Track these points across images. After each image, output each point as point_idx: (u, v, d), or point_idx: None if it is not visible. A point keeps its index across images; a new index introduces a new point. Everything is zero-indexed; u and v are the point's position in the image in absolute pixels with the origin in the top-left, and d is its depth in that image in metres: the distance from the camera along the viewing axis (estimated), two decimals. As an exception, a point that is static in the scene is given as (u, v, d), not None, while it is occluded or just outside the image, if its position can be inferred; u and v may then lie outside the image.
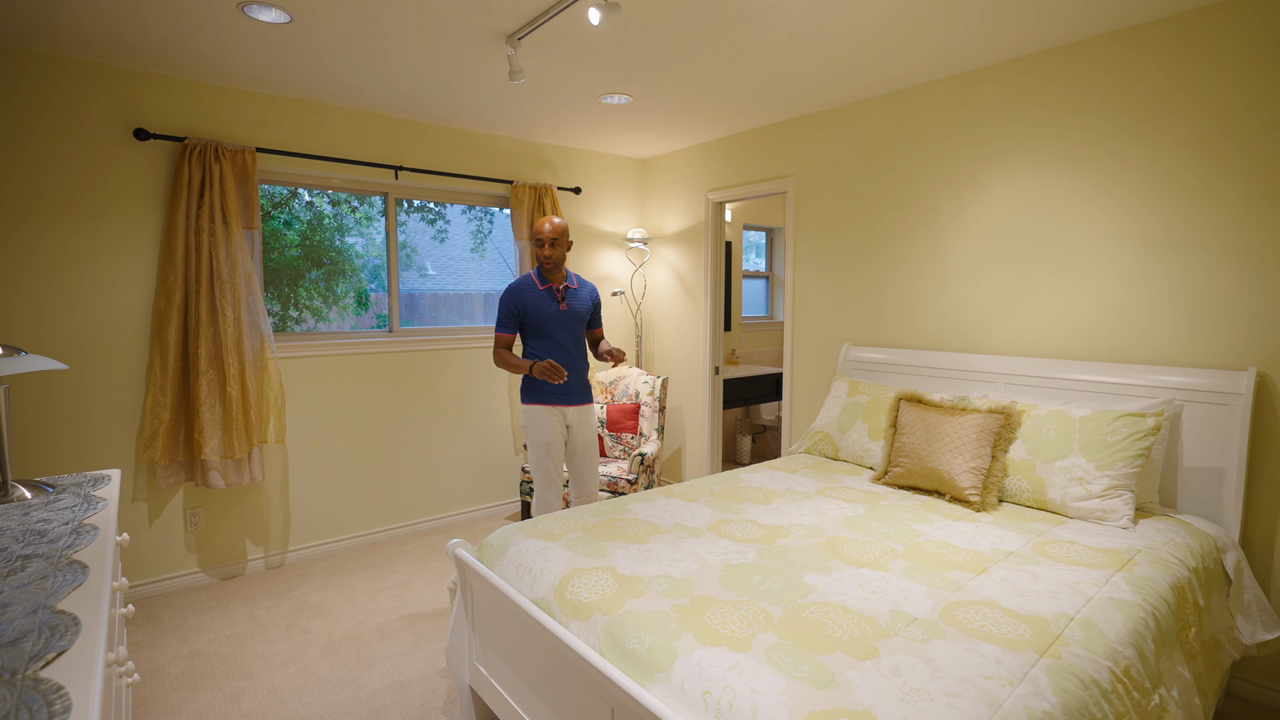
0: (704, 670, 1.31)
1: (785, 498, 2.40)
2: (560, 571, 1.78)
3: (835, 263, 3.40)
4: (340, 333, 3.54)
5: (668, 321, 4.48)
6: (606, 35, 2.44)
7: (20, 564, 1.25)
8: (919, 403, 2.61)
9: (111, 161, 2.77)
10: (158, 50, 2.58)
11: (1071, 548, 1.91)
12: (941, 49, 2.57)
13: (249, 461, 3.06)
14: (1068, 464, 2.20)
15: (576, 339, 2.80)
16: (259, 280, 3.05)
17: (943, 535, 2.01)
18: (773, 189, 3.71)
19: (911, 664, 1.31)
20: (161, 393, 2.83)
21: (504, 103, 3.27)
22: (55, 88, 2.63)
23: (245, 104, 3.06)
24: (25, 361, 1.61)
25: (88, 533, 1.41)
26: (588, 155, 4.32)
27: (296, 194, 3.41)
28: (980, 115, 2.77)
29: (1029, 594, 1.62)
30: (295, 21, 2.31)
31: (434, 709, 2.16)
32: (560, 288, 2.77)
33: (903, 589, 1.64)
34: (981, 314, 2.82)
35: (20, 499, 1.63)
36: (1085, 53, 2.45)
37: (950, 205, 2.90)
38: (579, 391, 2.80)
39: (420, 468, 3.74)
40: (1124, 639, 1.49)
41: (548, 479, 2.77)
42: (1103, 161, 2.43)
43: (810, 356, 3.57)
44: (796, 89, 3.06)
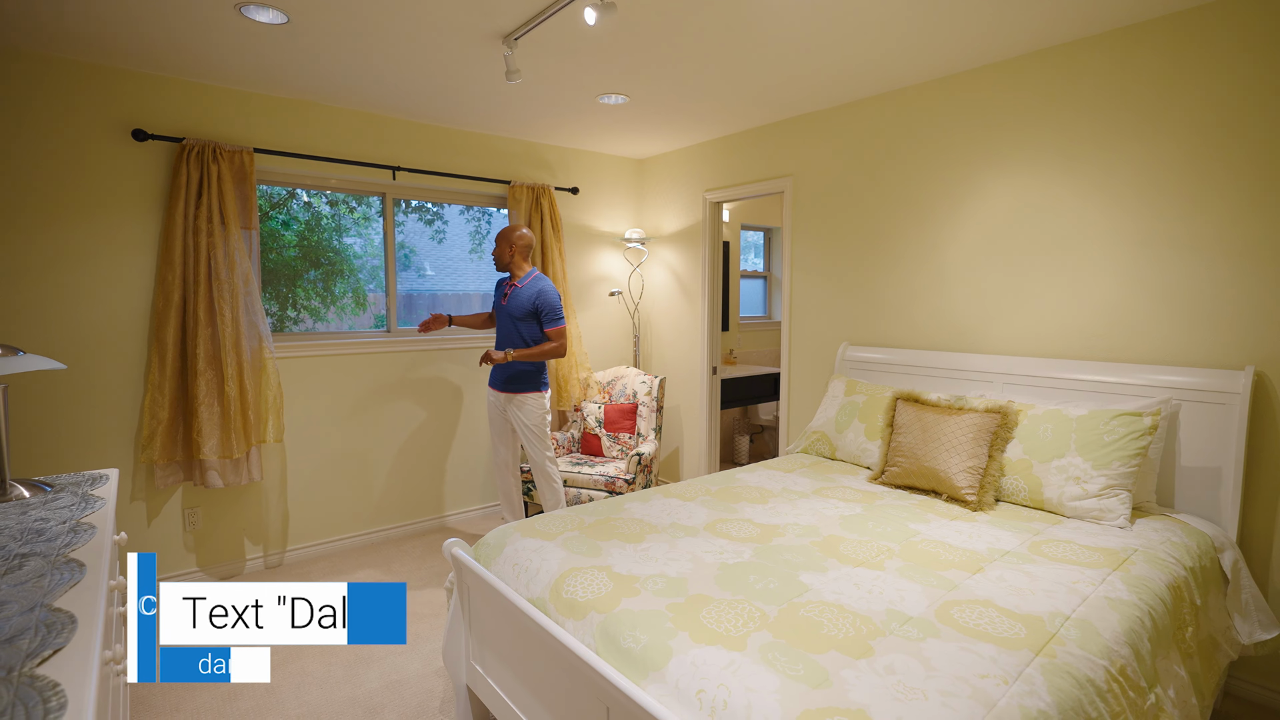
0: (699, 669, 1.31)
1: (782, 497, 2.40)
2: (556, 571, 1.78)
3: (832, 262, 3.40)
4: (338, 333, 3.54)
5: (665, 322, 4.48)
6: (603, 35, 2.44)
7: (18, 562, 1.25)
8: (916, 402, 2.62)
9: (110, 162, 2.77)
10: (156, 51, 2.58)
11: (1068, 547, 1.91)
12: (938, 49, 2.57)
13: (247, 461, 3.06)
14: (1064, 463, 2.20)
15: (509, 334, 3.13)
16: (257, 280, 3.05)
17: (939, 535, 2.01)
18: (770, 189, 3.71)
19: (906, 663, 1.31)
20: (160, 392, 2.83)
21: (501, 103, 3.27)
22: (54, 89, 2.63)
23: (243, 104, 3.06)
24: (24, 361, 1.61)
25: (85, 531, 1.42)
26: (585, 155, 4.32)
27: (294, 194, 3.42)
28: (977, 114, 2.77)
29: (1025, 593, 1.62)
30: (292, 22, 2.31)
31: (431, 708, 2.16)
32: (507, 286, 3.17)
33: (898, 588, 1.64)
34: (978, 313, 2.83)
35: (18, 498, 1.63)
36: (1081, 52, 2.45)
37: (947, 204, 2.90)
38: (508, 381, 3.14)
39: (418, 468, 3.74)
40: (1120, 638, 1.49)
41: (494, 450, 3.33)
42: (1099, 160, 2.44)
43: (808, 356, 3.58)
44: (793, 89, 3.07)
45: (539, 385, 3.18)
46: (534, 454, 3.22)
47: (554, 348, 3.10)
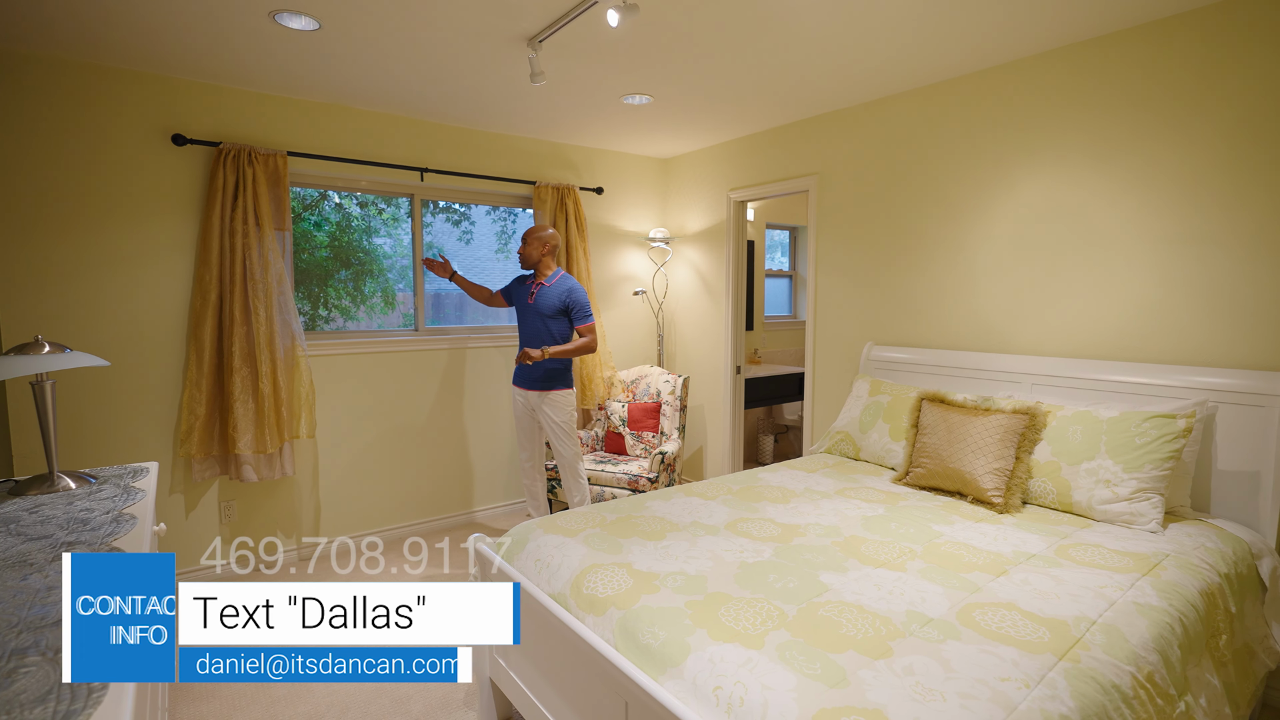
0: (716, 666, 1.32)
1: (804, 497, 2.39)
2: (577, 567, 1.80)
3: (858, 261, 3.37)
4: (368, 331, 3.62)
5: (689, 321, 4.49)
6: (626, 36, 2.46)
7: (65, 550, 1.31)
8: (941, 403, 2.58)
9: (151, 166, 2.87)
10: (194, 58, 2.67)
11: (1096, 551, 1.87)
12: (965, 44, 2.53)
13: (280, 456, 3.15)
14: (1094, 466, 2.15)
15: (538, 331, 3.16)
16: (290, 280, 3.14)
17: (963, 536, 1.99)
18: (794, 187, 3.69)
19: (925, 664, 1.31)
20: (197, 389, 2.93)
21: (526, 104, 3.31)
22: (98, 96, 2.74)
23: (277, 109, 3.15)
24: (70, 358, 1.69)
25: (127, 522, 1.48)
26: (610, 155, 4.35)
27: (326, 196, 3.50)
28: (1005, 111, 2.72)
29: (1050, 597, 1.60)
30: (324, 28, 2.37)
31: (455, 700, 2.21)
32: (533, 284, 3.19)
33: (919, 589, 1.63)
34: (1007, 313, 2.78)
35: (65, 489, 1.71)
36: (1115, 45, 2.40)
37: (975, 202, 2.86)
38: (541, 379, 3.17)
39: (445, 464, 3.81)
40: (1148, 644, 1.46)
41: (520, 447, 3.38)
42: (1134, 154, 2.38)
43: (832, 356, 3.55)
44: (818, 87, 3.05)
45: (569, 382, 3.24)
46: (563, 451, 3.25)
47: (587, 343, 3.15)
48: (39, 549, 1.31)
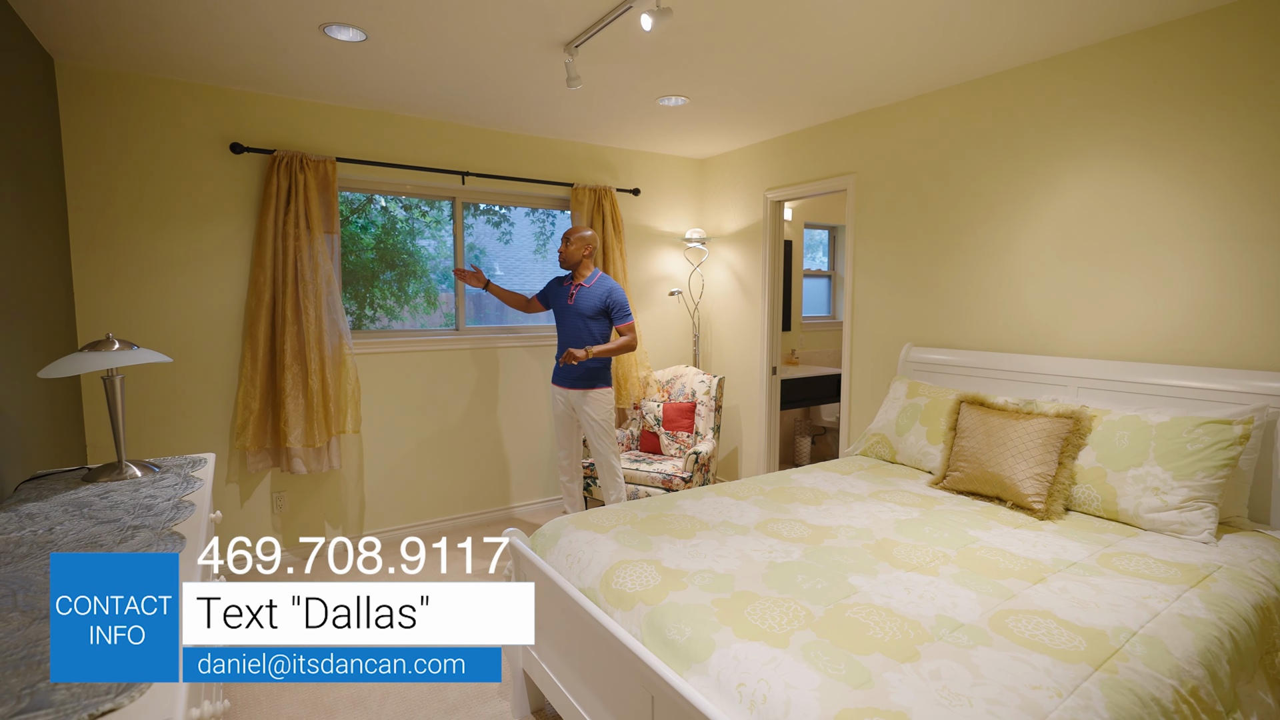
0: (740, 663, 1.33)
1: (836, 499, 2.37)
2: (607, 562, 1.84)
3: (896, 261, 3.32)
4: (411, 331, 3.74)
5: (725, 321, 4.48)
6: (662, 39, 2.48)
7: (131, 533, 1.41)
8: (981, 405, 2.53)
9: (211, 174, 3.03)
10: (250, 70, 2.81)
11: (1141, 560, 1.81)
12: (1008, 39, 2.47)
13: (328, 450, 3.28)
14: (1142, 473, 2.08)
15: (579, 331, 3.19)
16: (338, 281, 3.27)
17: (1000, 542, 1.95)
18: (832, 187, 3.65)
19: (953, 669, 1.29)
20: (252, 385, 3.08)
21: (564, 108, 3.37)
22: (161, 108, 2.91)
23: (326, 117, 3.28)
24: (137, 355, 1.81)
25: (186, 509, 1.58)
26: (646, 156, 4.38)
27: (372, 200, 3.63)
28: (1051, 106, 2.64)
29: (1088, 606, 1.55)
30: (370, 39, 2.47)
31: (490, 690, 2.27)
32: (572, 285, 3.23)
33: (951, 594, 1.60)
34: (1051, 314, 2.70)
35: (132, 477, 1.83)
36: (1169, 35, 2.30)
37: (1018, 200, 2.78)
38: (581, 378, 3.20)
39: (483, 460, 3.90)
40: (1193, 658, 1.41)
41: (558, 446, 3.40)
42: (1189, 148, 2.28)
43: (869, 357, 3.50)
44: (856, 85, 3.01)
45: (608, 381, 3.28)
46: (601, 448, 3.29)
47: (627, 342, 3.20)
48: (108, 532, 1.42)
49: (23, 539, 1.38)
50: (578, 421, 3.33)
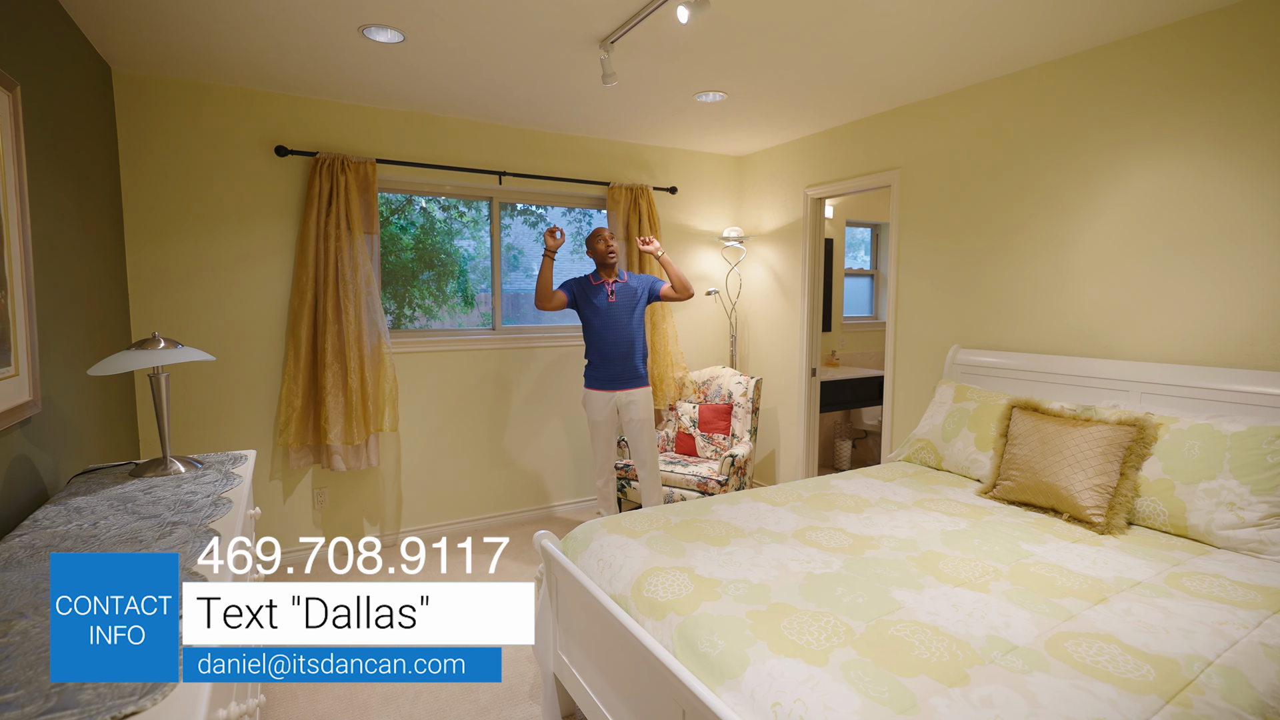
0: (776, 680, 1.27)
1: (879, 507, 2.28)
2: (639, 569, 1.80)
3: (943, 259, 3.19)
4: (448, 330, 3.76)
5: (763, 321, 4.39)
6: (698, 33, 2.42)
7: (169, 529, 1.43)
8: (1035, 411, 2.40)
9: (257, 177, 3.11)
10: (293, 74, 2.86)
11: (1216, 582, 1.68)
12: (1064, 24, 2.33)
13: (367, 448, 3.33)
14: (1215, 486, 1.93)
15: (625, 325, 3.18)
16: (377, 281, 3.31)
17: (1056, 558, 1.83)
18: (875, 183, 3.53)
19: (1007, 696, 1.21)
20: (294, 383, 3.14)
21: (599, 106, 3.34)
22: (210, 113, 2.99)
23: (366, 119, 3.33)
24: (182, 353, 1.85)
25: (224, 505, 1.60)
26: (683, 154, 4.32)
27: (411, 201, 3.67)
28: (1112, 95, 2.49)
29: (1157, 631, 1.44)
30: (408, 40, 2.48)
31: (521, 693, 2.25)
32: (609, 284, 3.20)
33: (1003, 613, 1.51)
34: (1112, 315, 2.54)
35: (175, 472, 1.87)
36: (1245, 13, 2.14)
37: (1076, 195, 2.63)
38: (631, 378, 3.21)
39: (519, 460, 3.90)
40: (1278, 692, 1.29)
41: (597, 450, 3.33)
42: (1269, 136, 2.11)
43: (914, 359, 3.37)
44: (900, 77, 2.90)
45: (647, 380, 3.30)
46: (645, 449, 3.25)
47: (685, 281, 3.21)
48: (148, 527, 1.44)
49: (68, 533, 1.41)
50: (617, 424, 3.29)
